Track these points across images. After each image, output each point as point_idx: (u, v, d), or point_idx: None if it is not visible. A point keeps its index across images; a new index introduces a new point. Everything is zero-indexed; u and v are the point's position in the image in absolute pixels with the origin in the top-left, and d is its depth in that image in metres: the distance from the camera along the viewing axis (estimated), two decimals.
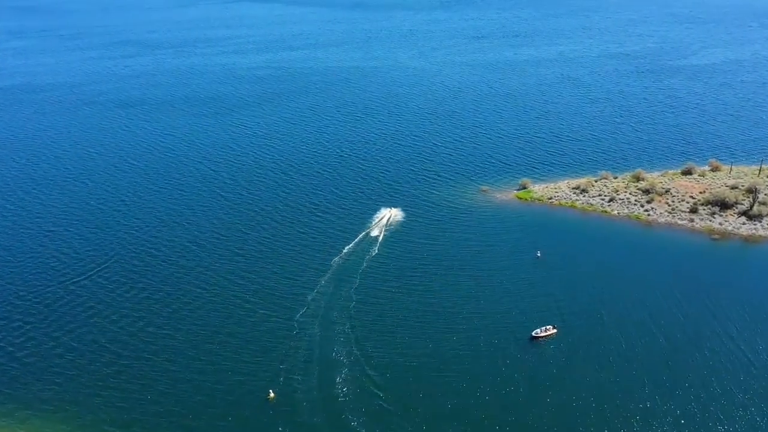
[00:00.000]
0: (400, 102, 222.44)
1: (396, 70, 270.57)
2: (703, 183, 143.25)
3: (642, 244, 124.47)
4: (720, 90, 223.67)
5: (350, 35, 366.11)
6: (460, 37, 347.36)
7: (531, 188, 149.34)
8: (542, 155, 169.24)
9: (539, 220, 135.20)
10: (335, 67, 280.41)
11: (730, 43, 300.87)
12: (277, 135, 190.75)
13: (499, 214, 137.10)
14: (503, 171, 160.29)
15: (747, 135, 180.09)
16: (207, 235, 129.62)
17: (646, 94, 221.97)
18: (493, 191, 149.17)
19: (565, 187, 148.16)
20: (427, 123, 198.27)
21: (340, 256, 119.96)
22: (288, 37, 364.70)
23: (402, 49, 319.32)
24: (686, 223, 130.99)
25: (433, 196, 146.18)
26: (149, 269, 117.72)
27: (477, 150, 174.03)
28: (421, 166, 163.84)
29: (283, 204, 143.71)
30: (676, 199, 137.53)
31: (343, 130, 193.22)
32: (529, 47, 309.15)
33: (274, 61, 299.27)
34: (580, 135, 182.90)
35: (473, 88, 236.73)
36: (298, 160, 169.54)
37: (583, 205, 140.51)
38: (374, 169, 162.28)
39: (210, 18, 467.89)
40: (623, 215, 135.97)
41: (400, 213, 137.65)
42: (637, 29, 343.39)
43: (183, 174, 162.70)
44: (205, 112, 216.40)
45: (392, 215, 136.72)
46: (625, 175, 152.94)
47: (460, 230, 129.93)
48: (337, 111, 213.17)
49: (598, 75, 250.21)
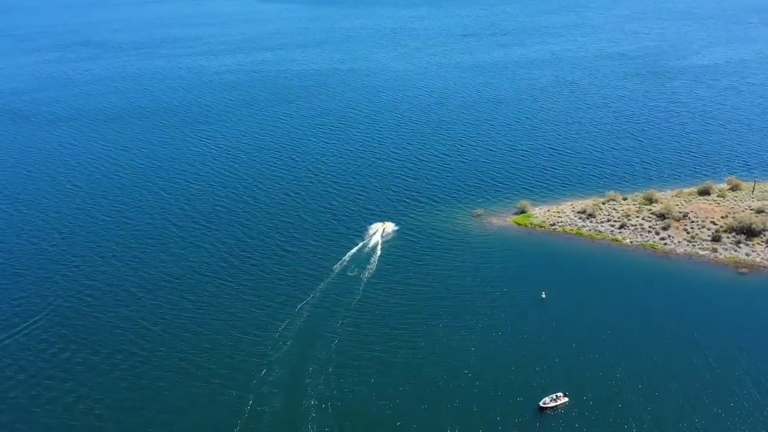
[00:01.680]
0: (380, 110, 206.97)
1: (377, 74, 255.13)
2: (725, 205, 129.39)
3: (660, 280, 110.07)
4: (726, 94, 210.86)
5: (329, 34, 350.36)
6: (446, 35, 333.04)
7: (530, 212, 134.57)
8: (540, 172, 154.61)
9: (542, 251, 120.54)
10: (312, 71, 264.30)
11: (731, 41, 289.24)
12: (243, 150, 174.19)
13: (495, 245, 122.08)
14: (498, 191, 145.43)
15: (762, 146, 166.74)
16: (155, 278, 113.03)
17: (648, 99, 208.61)
18: (488, 216, 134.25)
19: (569, 211, 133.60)
20: (411, 135, 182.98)
21: (310, 302, 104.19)
22: (261, 37, 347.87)
23: (384, 49, 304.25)
24: (708, 254, 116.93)
25: (419, 223, 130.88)
26: (87, 323, 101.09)
27: (467, 166, 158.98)
28: (403, 187, 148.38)
29: (245, 239, 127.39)
30: (696, 226, 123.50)
31: (316, 144, 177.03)
32: (519, 47, 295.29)
33: (245, 63, 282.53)
34: (581, 147, 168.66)
35: (461, 94, 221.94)
36: (264, 183, 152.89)
37: (591, 233, 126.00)
38: (350, 191, 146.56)
39: (178, 15, 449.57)
40: (636, 245, 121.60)
41: (379, 247, 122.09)
42: (632, 26, 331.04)
43: (135, 199, 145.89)
44: (166, 124, 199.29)
45: (372, 247, 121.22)
46: (635, 195, 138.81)
47: (451, 267, 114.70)
48: (311, 122, 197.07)
49: (595, 77, 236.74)
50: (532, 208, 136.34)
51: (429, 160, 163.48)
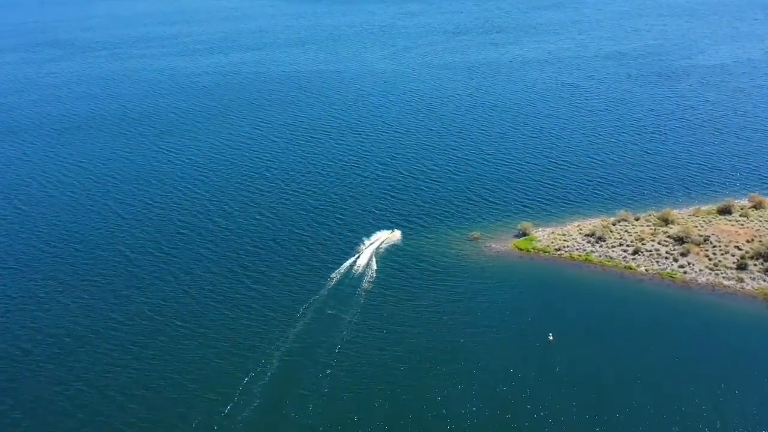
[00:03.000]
0: (365, 117, 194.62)
1: (363, 76, 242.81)
2: (749, 227, 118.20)
3: (682, 317, 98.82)
4: (736, 98, 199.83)
5: (313, 33, 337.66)
6: (437, 33, 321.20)
7: (533, 234, 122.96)
8: (541, 187, 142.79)
9: (547, 281, 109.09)
10: (293, 73, 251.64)
11: (737, 39, 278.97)
12: (213, 164, 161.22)
13: (495, 275, 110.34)
14: (496, 210, 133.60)
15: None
16: (101, 323, 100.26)
17: (653, 103, 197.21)
18: (486, 239, 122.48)
19: (576, 233, 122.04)
20: (398, 145, 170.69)
21: (277, 356, 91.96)
22: (241, 36, 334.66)
23: (371, 48, 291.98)
24: (734, 284, 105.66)
25: (408, 250, 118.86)
26: (18, 377, 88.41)
27: (461, 181, 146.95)
28: (389, 206, 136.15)
29: (207, 273, 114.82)
30: (718, 251, 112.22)
31: (292, 157, 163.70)
32: (515, 45, 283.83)
33: (222, 64, 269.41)
34: (584, 159, 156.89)
35: (452, 99, 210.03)
36: (233, 203, 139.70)
37: (601, 259, 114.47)
38: (329, 212, 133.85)
39: (156, 12, 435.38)
40: (653, 273, 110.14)
41: (362, 279, 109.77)
42: (632, 23, 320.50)
43: (86, 225, 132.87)
44: (130, 135, 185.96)
45: (354, 279, 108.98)
46: (648, 213, 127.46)
47: (444, 299, 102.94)
48: (289, 131, 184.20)
49: (595, 79, 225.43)
50: (535, 229, 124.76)
51: (418, 174, 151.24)
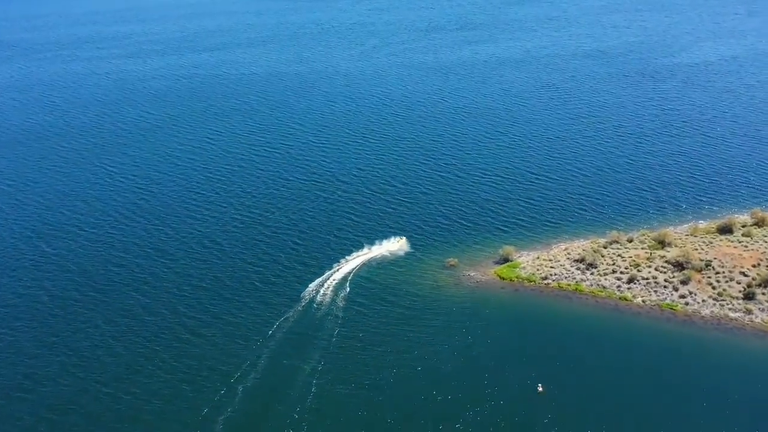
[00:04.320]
0: (329, 125, 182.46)
1: (329, 78, 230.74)
2: (754, 249, 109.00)
3: (685, 358, 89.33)
4: (724, 99, 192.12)
5: (276, 31, 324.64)
6: (409, 30, 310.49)
7: (516, 260, 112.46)
8: (522, 204, 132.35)
9: (533, 317, 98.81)
10: (253, 75, 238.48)
11: (719, 36, 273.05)
12: (156, 184, 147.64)
13: (475, 310, 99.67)
14: (474, 232, 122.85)
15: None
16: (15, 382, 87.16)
17: (637, 107, 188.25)
18: (464, 266, 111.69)
19: (564, 258, 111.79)
20: (364, 157, 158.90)
21: (234, 400, 79.94)
22: (199, 35, 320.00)
23: (338, 48, 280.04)
24: (741, 317, 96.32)
25: (375, 281, 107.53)
26: None
27: (434, 199, 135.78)
28: (352, 229, 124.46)
29: (135, 319, 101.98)
30: (722, 278, 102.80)
31: (247, 173, 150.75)
32: (489, 43, 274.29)
33: (177, 67, 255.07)
34: (567, 171, 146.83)
35: (423, 103, 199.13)
36: (177, 230, 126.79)
37: (593, 289, 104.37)
38: (284, 237, 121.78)
39: (110, 9, 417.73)
40: (651, 304, 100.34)
41: (329, 315, 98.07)
42: (611, 19, 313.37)
43: (5, 258, 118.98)
44: (67, 149, 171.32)
45: (313, 319, 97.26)
46: (642, 233, 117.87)
47: (416, 340, 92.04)
48: (246, 142, 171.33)
49: (575, 80, 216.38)
50: (518, 254, 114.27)
51: (385, 191, 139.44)
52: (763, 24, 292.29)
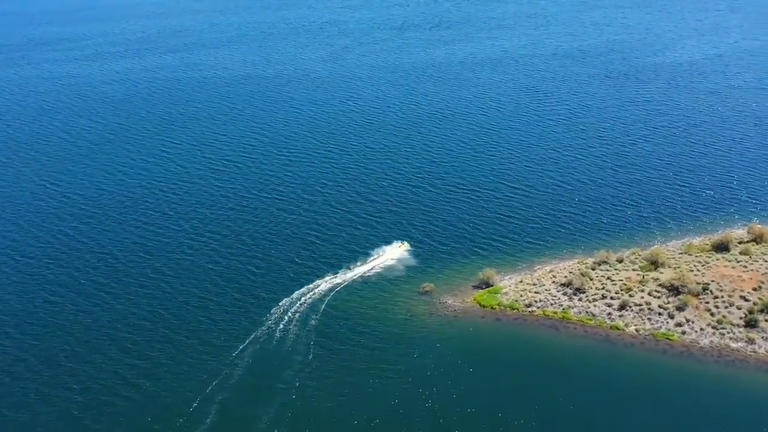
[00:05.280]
0: (294, 134, 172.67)
1: (296, 81, 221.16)
2: (753, 270, 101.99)
3: (684, 394, 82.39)
4: (711, 102, 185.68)
5: (242, 31, 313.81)
6: (381, 29, 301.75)
7: (497, 284, 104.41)
8: (503, 221, 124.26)
9: (517, 352, 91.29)
10: (216, 79, 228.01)
11: (703, 33, 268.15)
12: (97, 203, 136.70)
13: (452, 344, 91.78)
14: (450, 252, 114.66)
15: (764, 171, 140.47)
16: None
17: (620, 110, 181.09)
18: (441, 292, 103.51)
19: (549, 282, 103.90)
20: (330, 169, 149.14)
21: None
22: (162, 36, 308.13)
23: (308, 49, 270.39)
24: (743, 347, 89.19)
25: (344, 308, 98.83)
26: None
27: (406, 215, 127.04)
28: (315, 250, 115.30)
29: (56, 368, 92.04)
30: (721, 303, 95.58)
31: (202, 190, 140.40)
32: (466, 43, 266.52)
33: (135, 70, 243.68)
34: (549, 182, 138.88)
35: (395, 108, 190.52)
36: (114, 258, 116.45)
37: (581, 317, 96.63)
38: (238, 262, 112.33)
39: (69, 8, 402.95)
40: (645, 334, 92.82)
41: (291, 354, 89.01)
42: (591, 16, 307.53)
43: None
44: (10, 164, 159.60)
45: (282, 344, 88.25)
46: (632, 251, 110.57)
47: (385, 386, 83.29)
48: (202, 153, 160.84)
49: (556, 82, 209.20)
50: (500, 277, 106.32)
51: (351, 208, 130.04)
52: (745, 20, 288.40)
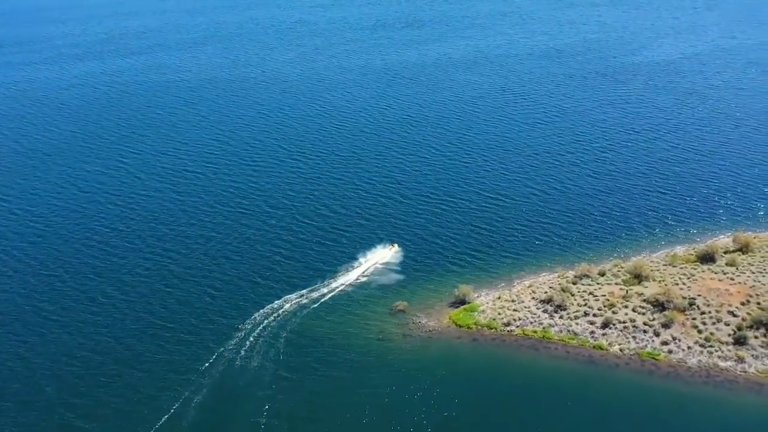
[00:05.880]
0: (258, 142, 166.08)
1: (264, 85, 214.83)
2: (741, 282, 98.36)
3: (672, 418, 78.38)
4: (689, 102, 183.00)
5: (210, 32, 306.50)
6: (353, 29, 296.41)
7: (474, 301, 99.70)
8: (478, 232, 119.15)
9: (496, 375, 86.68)
10: (181, 82, 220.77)
11: (680, 31, 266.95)
12: (47, 219, 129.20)
13: (426, 369, 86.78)
14: (423, 266, 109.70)
15: (756, 177, 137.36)
16: None
17: (598, 112, 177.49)
18: (415, 310, 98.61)
19: (528, 298, 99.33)
20: (296, 180, 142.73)
21: None
22: (124, 37, 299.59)
23: (276, 50, 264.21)
24: (733, 366, 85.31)
25: (312, 331, 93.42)
26: None
27: (377, 227, 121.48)
28: (278, 268, 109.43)
29: None
30: (709, 319, 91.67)
31: (158, 201, 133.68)
32: (439, 43, 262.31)
33: (95, 74, 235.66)
34: (526, 190, 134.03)
35: (365, 112, 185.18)
36: (58, 286, 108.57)
37: (563, 336, 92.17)
38: (204, 281, 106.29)
39: (26, 8, 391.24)
40: (630, 354, 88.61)
41: (250, 381, 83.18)
42: (567, 14, 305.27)
43: None
44: None
45: (242, 374, 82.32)
46: (614, 262, 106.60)
47: (354, 422, 77.84)
48: (160, 163, 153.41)
49: (531, 83, 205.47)
50: (476, 294, 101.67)
51: (319, 222, 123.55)
52: (722, 18, 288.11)
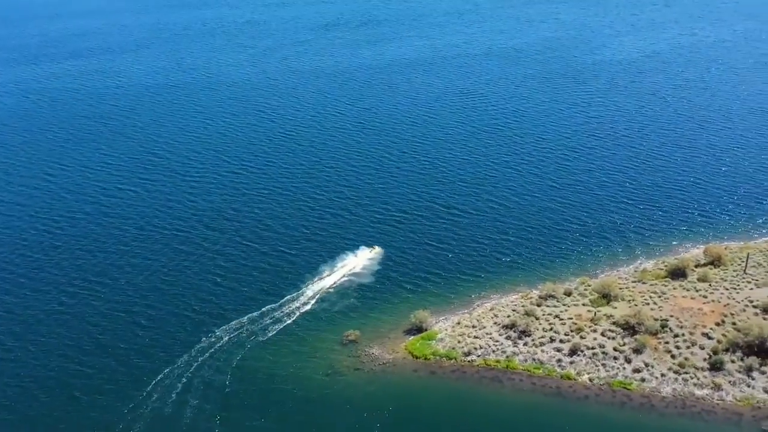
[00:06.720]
0: (202, 152, 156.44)
1: (211, 90, 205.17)
2: (714, 299, 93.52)
3: None
4: (652, 103, 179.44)
5: (156, 33, 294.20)
6: (306, 29, 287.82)
7: (432, 328, 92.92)
8: (434, 250, 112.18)
9: (456, 412, 79.95)
10: (122, 88, 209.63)
11: (639, 29, 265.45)
12: None
13: (380, 409, 79.42)
14: (378, 290, 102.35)
15: (717, 181, 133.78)
16: None
17: (559, 115, 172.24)
18: (368, 340, 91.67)
19: (490, 323, 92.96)
20: (236, 196, 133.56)
21: None
22: (63, 40, 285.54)
23: (226, 51, 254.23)
24: (709, 395, 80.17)
25: (251, 366, 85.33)
26: None
27: (326, 248, 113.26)
28: (219, 294, 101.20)
29: None
30: (683, 342, 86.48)
31: (80, 221, 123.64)
32: (395, 42, 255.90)
33: (28, 80, 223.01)
34: (484, 202, 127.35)
35: (318, 117, 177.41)
36: None
37: (528, 365, 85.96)
38: (130, 315, 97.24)
39: None
40: (600, 383, 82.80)
41: None
42: (525, 12, 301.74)
43: None
44: None
45: (176, 422, 74.20)
46: (580, 279, 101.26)
47: None
48: (93, 179, 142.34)
49: (491, 85, 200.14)
50: (434, 320, 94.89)
51: (260, 242, 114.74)
52: (681, 15, 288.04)
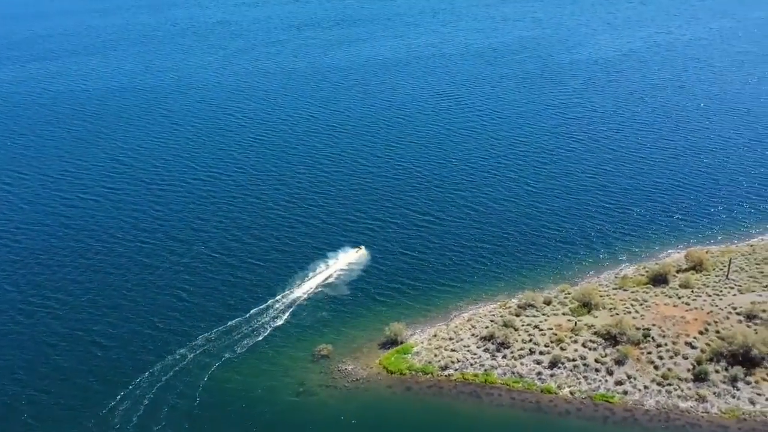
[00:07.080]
0: (169, 158, 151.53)
1: (178, 93, 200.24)
2: (697, 307, 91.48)
3: None
4: (629, 103, 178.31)
5: (124, 34, 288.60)
6: (278, 29, 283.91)
7: (408, 341, 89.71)
8: (408, 258, 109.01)
9: (433, 430, 75.92)
10: (87, 92, 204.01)
11: (615, 27, 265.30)
12: None
13: (353, 427, 75.54)
14: (351, 301, 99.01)
15: (695, 182, 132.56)
16: None
17: (536, 117, 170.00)
18: (340, 355, 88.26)
19: (468, 335, 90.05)
20: (208, 201, 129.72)
21: None
22: (25, 42, 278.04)
23: (197, 53, 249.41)
24: (694, 407, 77.91)
25: (218, 387, 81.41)
26: None
27: (300, 257, 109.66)
28: (184, 310, 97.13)
29: None
30: (665, 352, 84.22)
31: (40, 237, 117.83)
32: (369, 42, 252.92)
33: None
34: (460, 208, 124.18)
35: (290, 120, 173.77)
36: None
37: (507, 379, 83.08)
38: (90, 334, 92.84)
39: None
40: (582, 397, 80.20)
41: None
42: (501, 11, 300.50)
43: None
44: None
45: None
46: (561, 288, 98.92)
47: None
48: (54, 188, 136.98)
49: (467, 86, 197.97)
50: (410, 332, 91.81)
51: (228, 252, 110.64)
52: (657, 13, 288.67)
